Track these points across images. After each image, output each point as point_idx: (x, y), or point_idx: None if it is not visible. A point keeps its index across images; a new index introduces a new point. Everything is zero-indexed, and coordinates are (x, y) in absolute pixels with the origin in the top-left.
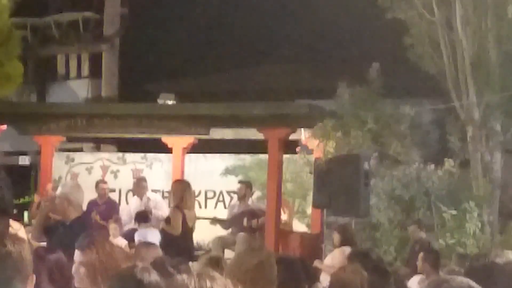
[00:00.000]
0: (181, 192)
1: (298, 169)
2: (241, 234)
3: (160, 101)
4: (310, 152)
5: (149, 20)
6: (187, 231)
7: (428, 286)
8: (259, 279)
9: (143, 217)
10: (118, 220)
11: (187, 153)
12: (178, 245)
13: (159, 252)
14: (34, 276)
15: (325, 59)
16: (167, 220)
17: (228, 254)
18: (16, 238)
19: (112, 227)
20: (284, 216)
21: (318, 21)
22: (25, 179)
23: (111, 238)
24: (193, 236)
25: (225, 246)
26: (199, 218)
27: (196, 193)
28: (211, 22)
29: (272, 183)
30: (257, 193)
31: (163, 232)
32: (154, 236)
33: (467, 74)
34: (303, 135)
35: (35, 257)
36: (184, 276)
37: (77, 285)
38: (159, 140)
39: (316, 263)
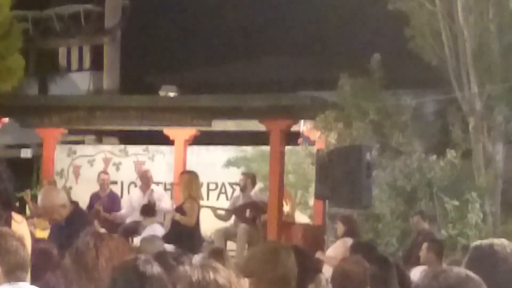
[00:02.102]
0: (191, 182)
1: (300, 161)
2: (243, 225)
3: (162, 93)
4: (312, 143)
5: (151, 12)
6: (198, 222)
7: (426, 277)
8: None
9: (148, 211)
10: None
11: (189, 145)
12: (192, 236)
13: (162, 245)
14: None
15: (326, 51)
16: (181, 210)
17: (231, 245)
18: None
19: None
20: (286, 208)
21: (319, 12)
22: (27, 172)
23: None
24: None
25: (228, 237)
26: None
27: None
28: (213, 13)
29: (274, 175)
30: (259, 185)
31: (175, 223)
32: (159, 231)
33: (468, 65)
34: (302, 126)
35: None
36: (187, 267)
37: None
38: (161, 132)
39: (319, 254)
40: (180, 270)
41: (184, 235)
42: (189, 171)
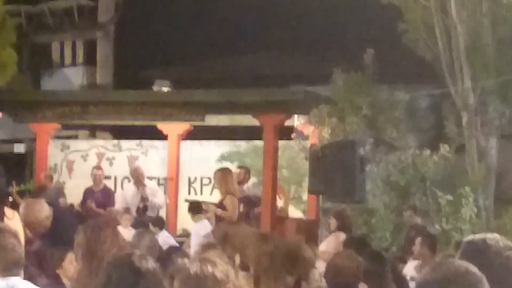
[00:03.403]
0: (225, 178)
1: (293, 155)
2: None
3: (155, 88)
4: (306, 138)
5: (144, 7)
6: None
7: (427, 270)
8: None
9: (196, 207)
10: (129, 211)
11: (183, 139)
12: None
13: (154, 239)
14: None
15: (320, 45)
16: (221, 206)
17: None
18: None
19: (125, 217)
20: (279, 202)
21: (312, 7)
22: (20, 167)
23: (121, 228)
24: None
25: None
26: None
27: (192, 180)
28: (206, 8)
29: (268, 169)
30: (253, 179)
31: (219, 219)
32: (207, 226)
33: (462, 59)
34: (295, 121)
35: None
36: (186, 260)
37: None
38: (155, 127)
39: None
40: (178, 263)
41: None
42: (222, 168)
